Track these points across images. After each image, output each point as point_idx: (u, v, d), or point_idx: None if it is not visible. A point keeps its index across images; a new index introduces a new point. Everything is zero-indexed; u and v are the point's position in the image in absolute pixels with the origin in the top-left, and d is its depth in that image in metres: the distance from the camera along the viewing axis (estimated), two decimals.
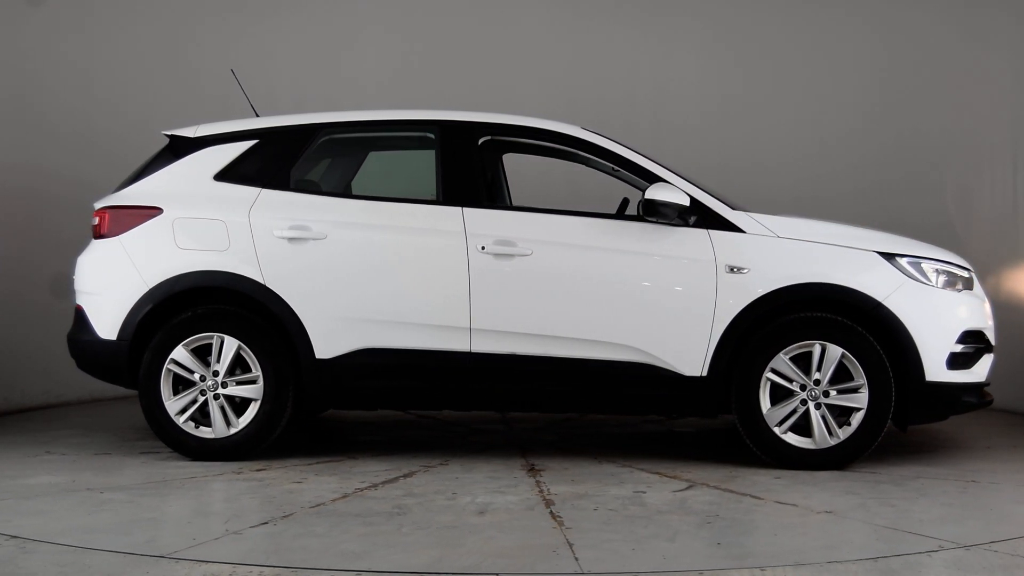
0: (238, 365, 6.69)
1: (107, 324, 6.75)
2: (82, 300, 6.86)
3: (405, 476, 6.35)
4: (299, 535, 5.09)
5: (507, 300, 6.59)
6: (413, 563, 4.65)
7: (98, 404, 8.77)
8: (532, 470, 6.52)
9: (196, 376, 6.68)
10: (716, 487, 6.09)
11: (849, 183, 9.86)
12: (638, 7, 10.13)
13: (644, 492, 5.98)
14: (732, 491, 5.99)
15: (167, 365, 6.67)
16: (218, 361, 6.67)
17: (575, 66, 10.12)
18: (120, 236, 6.78)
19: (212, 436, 6.68)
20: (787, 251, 6.58)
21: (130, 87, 8.99)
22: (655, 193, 6.49)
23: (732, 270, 6.52)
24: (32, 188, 8.28)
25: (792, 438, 6.54)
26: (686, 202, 6.54)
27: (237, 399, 6.69)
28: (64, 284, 7.24)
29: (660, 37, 10.13)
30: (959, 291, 6.69)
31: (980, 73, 9.46)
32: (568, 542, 4.98)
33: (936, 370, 6.53)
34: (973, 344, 6.69)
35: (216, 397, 6.67)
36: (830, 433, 6.51)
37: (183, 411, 6.68)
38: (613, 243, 6.58)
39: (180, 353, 6.67)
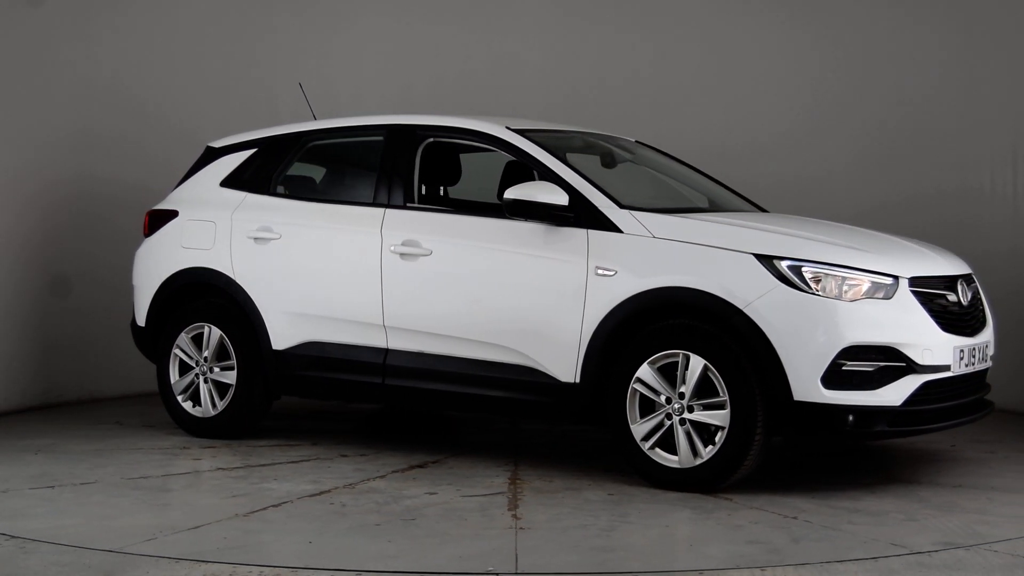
0: (227, 354, 7.40)
1: (141, 312, 7.79)
2: (133, 291, 7.93)
3: (292, 463, 6.74)
4: (36, 497, 5.87)
5: (412, 298, 6.75)
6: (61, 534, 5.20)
7: None
8: (415, 467, 6.62)
9: (193, 361, 7.50)
10: (510, 497, 5.88)
11: (849, 181, 9.26)
12: (637, 5, 10.10)
13: (434, 494, 5.94)
14: (508, 501, 5.78)
15: (174, 350, 7.56)
16: (207, 348, 7.44)
17: (575, 64, 10.08)
18: (152, 236, 7.78)
19: (201, 415, 7.47)
20: (657, 252, 6.13)
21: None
22: (515, 192, 6.34)
23: (601, 272, 6.20)
24: (32, 192, 8.73)
25: (659, 455, 6.08)
26: (563, 201, 6.31)
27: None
28: (64, 285, 8.31)
29: (660, 30, 10.01)
30: (856, 300, 5.81)
31: (980, 72, 8.94)
32: (216, 524, 5.29)
33: (807, 388, 5.76)
34: (875, 362, 5.79)
35: (206, 381, 7.45)
36: (695, 452, 5.98)
37: (184, 391, 7.53)
38: (501, 243, 6.50)
39: (182, 340, 7.53)
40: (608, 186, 7.12)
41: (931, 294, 6.06)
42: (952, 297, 6.18)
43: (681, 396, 5.98)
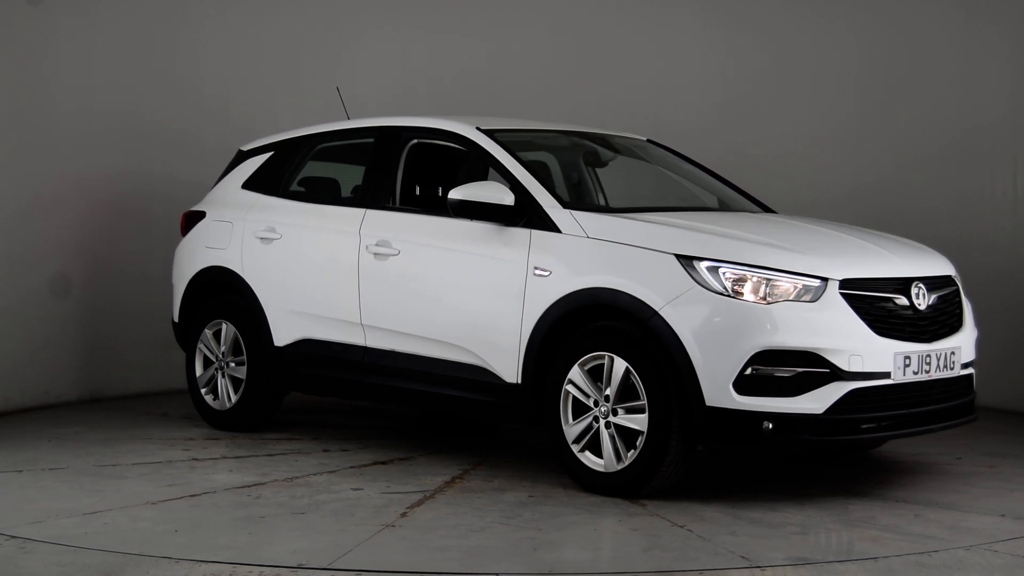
0: (241, 349, 7.68)
1: (176, 308, 8.16)
2: (172, 289, 8.30)
3: (269, 456, 6.93)
4: None
5: (383, 298, 6.85)
6: None
7: None
8: (377, 464, 6.71)
9: (213, 356, 7.82)
10: (425, 496, 5.90)
11: (849, 182, 9.21)
12: (638, 5, 10.00)
13: (358, 490, 6.03)
14: (418, 500, 5.81)
15: (198, 345, 7.90)
16: (224, 344, 7.74)
17: (576, 67, 10.01)
18: (186, 236, 8.14)
19: (219, 408, 7.77)
20: (588, 253, 6.04)
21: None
22: (460, 193, 6.34)
23: (538, 272, 6.15)
24: (27, 193, 8.61)
25: (588, 458, 5.99)
26: (507, 201, 6.29)
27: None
28: (63, 284, 8.63)
29: (660, 37, 9.94)
30: (776, 302, 5.57)
31: (981, 72, 8.91)
32: (115, 511, 5.55)
33: (719, 394, 5.57)
34: (794, 367, 5.55)
35: (223, 375, 7.76)
36: (619, 456, 5.87)
37: (207, 384, 7.85)
38: (459, 244, 6.52)
39: (205, 335, 7.86)
40: (593, 185, 7.03)
41: (871, 297, 5.74)
42: (901, 300, 5.83)
43: (607, 399, 5.87)
